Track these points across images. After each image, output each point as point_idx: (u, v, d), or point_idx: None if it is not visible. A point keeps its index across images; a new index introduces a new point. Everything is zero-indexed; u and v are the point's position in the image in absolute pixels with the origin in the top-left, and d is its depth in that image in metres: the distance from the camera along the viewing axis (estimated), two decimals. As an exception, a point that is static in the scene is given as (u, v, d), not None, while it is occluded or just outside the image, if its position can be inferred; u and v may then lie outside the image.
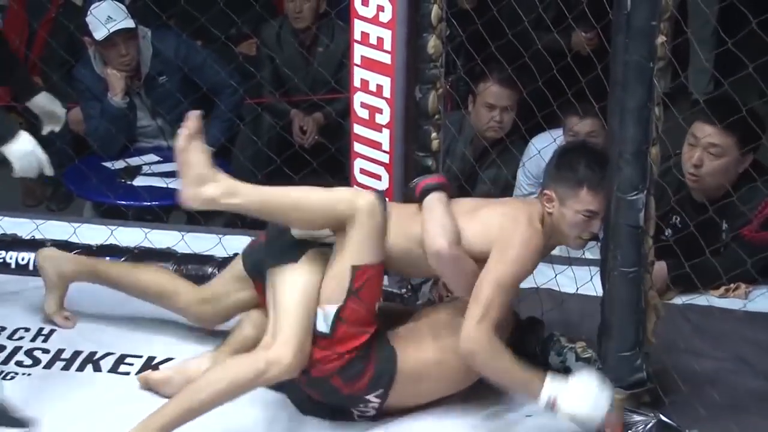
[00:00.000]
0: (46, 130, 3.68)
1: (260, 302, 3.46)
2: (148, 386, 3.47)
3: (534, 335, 3.52)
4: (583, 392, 3.14)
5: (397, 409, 3.35)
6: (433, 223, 3.27)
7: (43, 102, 3.65)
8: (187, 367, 3.45)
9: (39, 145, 3.26)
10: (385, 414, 3.34)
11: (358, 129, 3.75)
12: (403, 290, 3.78)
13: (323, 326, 3.19)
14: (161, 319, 3.81)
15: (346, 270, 3.20)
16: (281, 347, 3.15)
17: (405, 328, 3.39)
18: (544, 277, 3.72)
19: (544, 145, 4.35)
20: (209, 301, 3.60)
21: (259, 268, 3.38)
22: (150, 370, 3.53)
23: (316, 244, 3.28)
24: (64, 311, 3.78)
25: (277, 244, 3.32)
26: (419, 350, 3.32)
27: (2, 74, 3.49)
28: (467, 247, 3.28)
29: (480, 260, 3.26)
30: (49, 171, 3.30)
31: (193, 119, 3.29)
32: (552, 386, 3.16)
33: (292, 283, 3.24)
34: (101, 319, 3.82)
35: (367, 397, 3.29)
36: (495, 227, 3.28)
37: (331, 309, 3.18)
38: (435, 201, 3.32)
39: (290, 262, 3.26)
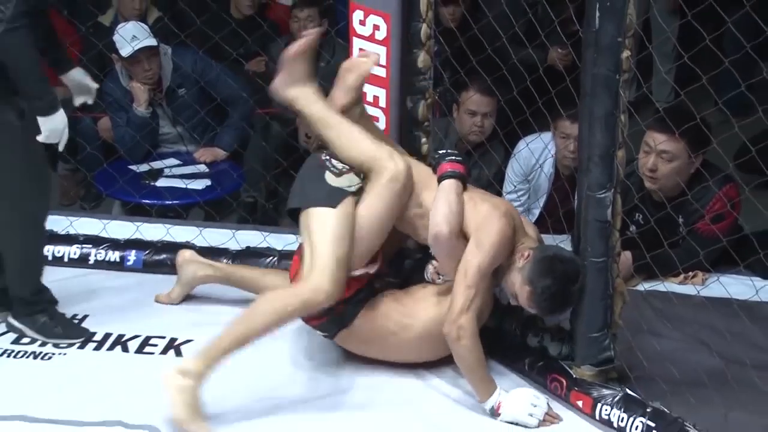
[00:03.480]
0: (78, 102, 3.70)
1: None
2: None
3: (514, 319, 3.51)
4: (522, 403, 3.20)
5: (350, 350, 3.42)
6: (442, 208, 3.24)
7: (77, 76, 3.64)
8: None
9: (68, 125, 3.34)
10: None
11: (356, 135, 3.74)
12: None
13: None
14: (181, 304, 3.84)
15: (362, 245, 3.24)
16: (320, 277, 3.13)
17: (383, 300, 3.38)
18: (522, 266, 3.70)
19: (532, 144, 4.43)
20: None
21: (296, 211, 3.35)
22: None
23: (349, 193, 3.25)
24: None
25: (311, 188, 3.29)
26: (377, 320, 3.33)
27: (43, 48, 3.47)
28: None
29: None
30: (61, 147, 3.36)
31: (311, 37, 3.39)
32: (500, 395, 3.21)
33: (330, 224, 3.19)
34: (129, 305, 3.82)
35: (317, 331, 3.36)
36: (479, 214, 3.26)
37: None
38: (450, 186, 3.28)
39: (329, 206, 3.21)
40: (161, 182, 4.90)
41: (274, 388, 3.31)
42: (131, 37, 4.90)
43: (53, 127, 3.28)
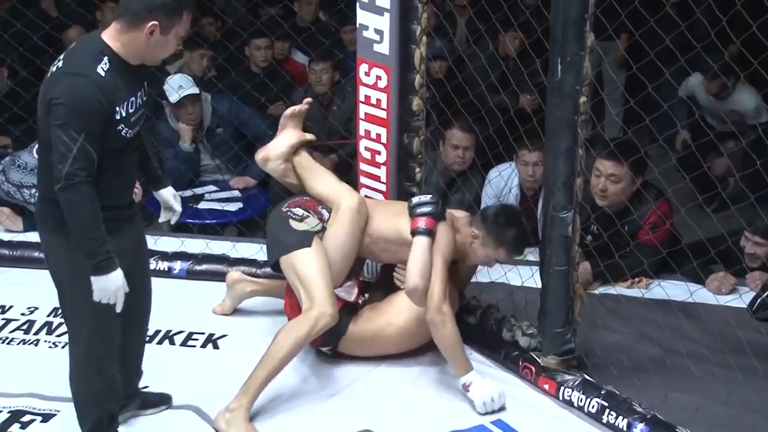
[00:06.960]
0: (162, 219, 3.10)
1: None
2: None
3: (491, 317, 3.49)
4: (489, 390, 3.14)
5: (351, 354, 3.36)
6: (418, 265, 3.17)
7: (166, 195, 3.05)
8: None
9: (124, 287, 2.64)
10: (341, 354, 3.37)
11: (363, 166, 3.72)
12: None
13: None
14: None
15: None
16: (322, 304, 3.10)
17: (367, 308, 3.36)
18: (498, 274, 3.69)
19: (502, 172, 4.38)
20: None
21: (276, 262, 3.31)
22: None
23: (314, 233, 3.24)
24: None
25: (284, 237, 3.26)
26: (365, 325, 3.32)
27: (141, 167, 2.94)
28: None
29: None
30: (119, 309, 2.66)
31: (304, 106, 3.47)
32: (473, 375, 3.16)
33: (312, 260, 3.17)
34: (175, 306, 3.75)
35: (321, 348, 3.33)
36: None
37: None
38: (425, 243, 3.20)
39: (305, 247, 3.20)
40: (202, 205, 4.88)
41: (297, 387, 3.27)
42: (178, 86, 4.88)
43: (100, 287, 2.59)
